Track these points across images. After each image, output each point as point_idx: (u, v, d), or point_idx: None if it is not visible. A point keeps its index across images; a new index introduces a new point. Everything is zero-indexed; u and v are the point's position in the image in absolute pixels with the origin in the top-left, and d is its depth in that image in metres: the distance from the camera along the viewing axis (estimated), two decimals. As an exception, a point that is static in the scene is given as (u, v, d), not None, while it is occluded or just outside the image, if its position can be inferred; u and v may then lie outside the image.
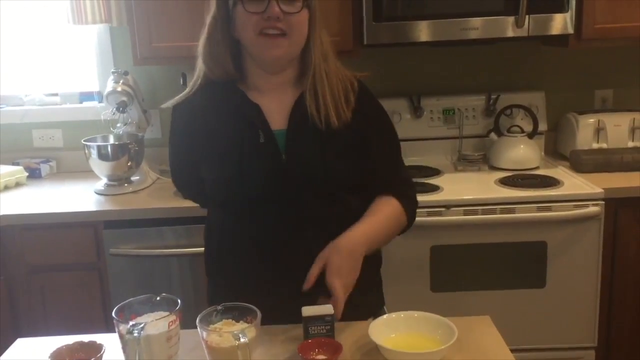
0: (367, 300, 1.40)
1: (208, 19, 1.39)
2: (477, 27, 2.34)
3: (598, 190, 2.24)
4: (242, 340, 1.13)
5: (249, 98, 1.40)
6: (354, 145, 1.40)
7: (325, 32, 1.41)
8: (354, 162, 1.40)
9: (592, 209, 2.21)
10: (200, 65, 1.42)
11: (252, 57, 1.38)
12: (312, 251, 1.35)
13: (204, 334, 1.17)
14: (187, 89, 1.45)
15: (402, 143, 2.77)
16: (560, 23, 2.34)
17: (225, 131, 1.39)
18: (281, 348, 1.28)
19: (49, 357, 1.20)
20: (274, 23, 1.30)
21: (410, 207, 1.48)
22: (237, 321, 1.22)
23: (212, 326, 1.20)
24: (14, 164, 2.75)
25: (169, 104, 1.47)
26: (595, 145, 2.61)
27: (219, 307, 1.22)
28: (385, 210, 1.44)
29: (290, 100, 1.40)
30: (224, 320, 1.22)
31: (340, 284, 1.28)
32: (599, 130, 2.61)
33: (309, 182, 1.37)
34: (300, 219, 1.38)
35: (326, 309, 1.24)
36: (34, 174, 2.76)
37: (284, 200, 1.37)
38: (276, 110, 1.40)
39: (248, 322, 1.20)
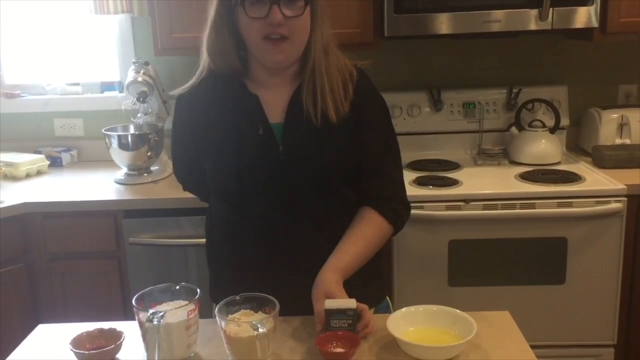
0: (368, 292, 1.40)
1: (211, 12, 1.38)
2: (499, 19, 2.31)
3: (620, 186, 2.21)
4: (260, 330, 1.13)
5: (249, 90, 1.41)
6: (350, 138, 1.40)
7: (327, 24, 1.40)
8: (350, 154, 1.40)
9: (614, 205, 2.18)
10: (204, 58, 1.42)
11: (255, 58, 1.39)
12: (308, 242, 1.38)
13: (223, 323, 1.18)
14: (192, 80, 1.45)
15: (421, 136, 2.80)
16: (584, 16, 2.30)
17: (225, 122, 1.40)
18: (299, 340, 1.28)
19: (70, 343, 1.22)
20: (276, 28, 1.29)
21: (395, 214, 1.45)
22: (256, 311, 1.22)
23: (230, 316, 1.20)
24: (35, 152, 2.78)
25: (175, 92, 1.49)
26: (618, 141, 2.57)
27: (238, 298, 1.23)
28: (365, 233, 1.41)
29: (289, 93, 1.40)
30: (242, 310, 1.23)
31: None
32: (622, 126, 2.58)
33: (306, 174, 1.37)
34: (297, 211, 1.38)
35: (349, 302, 1.24)
36: (55, 163, 2.78)
37: (282, 192, 1.38)
38: (275, 103, 1.40)
39: (266, 313, 1.20)
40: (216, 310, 1.20)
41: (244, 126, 1.39)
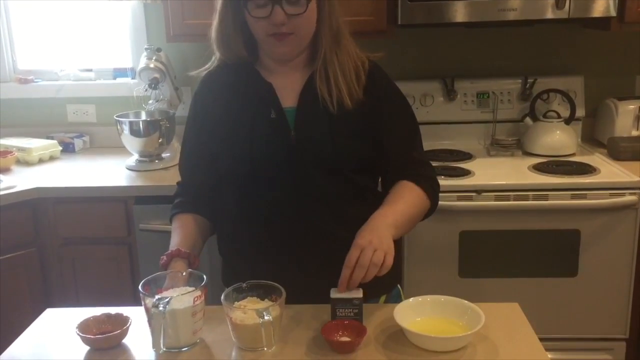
0: (379, 279, 1.40)
1: (218, 4, 1.39)
2: (515, 8, 2.28)
3: (635, 178, 2.18)
4: (266, 318, 1.13)
5: (262, 77, 1.42)
6: (364, 124, 1.40)
7: (337, 10, 1.40)
8: (363, 141, 1.40)
9: (629, 197, 2.15)
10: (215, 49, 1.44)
11: (263, 50, 1.41)
12: (318, 228, 1.37)
13: (229, 310, 1.17)
14: (206, 66, 1.48)
15: (434, 126, 2.77)
16: (602, 5, 2.26)
17: (239, 106, 1.41)
18: (305, 328, 1.27)
19: (76, 327, 1.22)
20: (279, 27, 1.31)
21: (432, 189, 1.45)
22: (262, 299, 1.22)
23: (236, 303, 1.20)
24: (48, 137, 2.79)
25: (193, 73, 1.52)
26: (634, 133, 2.54)
27: (244, 285, 1.23)
28: (407, 197, 1.40)
29: (301, 79, 1.41)
30: (248, 297, 1.22)
31: (356, 246, 1.24)
32: (639, 118, 2.54)
33: (317, 160, 1.38)
34: (308, 196, 1.38)
35: (356, 292, 1.23)
36: (67, 148, 2.80)
37: (293, 176, 1.38)
38: (288, 88, 1.41)
39: (273, 301, 1.20)
40: (222, 297, 1.19)
41: (257, 110, 1.39)
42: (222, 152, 1.42)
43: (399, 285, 1.56)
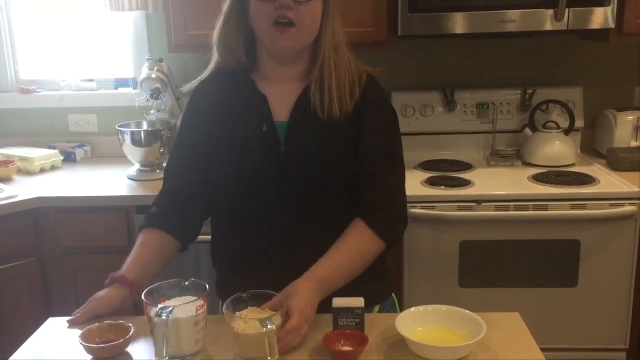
0: (373, 289, 1.40)
1: (225, 8, 1.41)
2: (514, 19, 2.30)
3: (635, 189, 2.19)
4: (269, 327, 1.13)
5: (257, 89, 1.42)
6: (352, 138, 1.40)
7: (339, 22, 1.41)
8: (351, 157, 1.40)
9: (629, 208, 2.16)
10: (215, 53, 1.44)
11: (265, 47, 1.40)
12: (308, 241, 1.37)
13: (231, 321, 1.18)
14: (201, 76, 1.48)
15: (434, 137, 2.79)
16: (601, 17, 2.28)
17: (231, 117, 1.41)
18: (307, 337, 1.28)
19: (79, 337, 1.22)
20: (285, 12, 1.30)
21: (388, 230, 1.40)
22: (264, 309, 1.22)
23: (238, 313, 1.20)
24: (50, 147, 2.80)
25: (185, 88, 1.52)
26: (633, 144, 2.55)
27: (245, 295, 1.23)
28: (351, 249, 1.37)
29: (297, 91, 1.41)
30: (249, 308, 1.23)
31: (301, 313, 1.22)
32: (638, 128, 2.55)
33: (307, 174, 1.38)
34: (297, 210, 1.39)
35: (357, 301, 1.24)
36: (69, 158, 2.81)
37: (283, 190, 1.38)
38: (282, 101, 1.41)
39: (274, 310, 1.20)
40: (224, 307, 1.20)
41: (250, 123, 1.40)
42: (211, 162, 1.42)
43: (393, 295, 1.56)
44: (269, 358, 1.15)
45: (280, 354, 1.16)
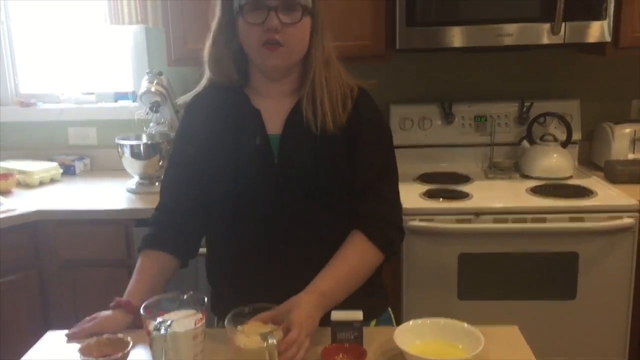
0: (369, 303, 1.40)
1: (213, 25, 1.42)
2: (511, 33, 2.31)
3: (633, 201, 2.20)
4: (270, 341, 1.13)
5: (251, 103, 1.43)
6: (345, 151, 1.40)
7: (329, 36, 1.42)
8: (345, 169, 1.40)
9: (626, 220, 2.16)
10: (207, 68, 1.46)
11: (255, 65, 1.41)
12: (303, 255, 1.37)
13: (232, 335, 1.18)
14: (195, 89, 1.49)
15: (432, 149, 2.79)
16: (597, 31, 2.30)
17: (225, 130, 1.42)
18: (308, 351, 1.27)
19: (78, 351, 1.22)
20: (272, 35, 1.32)
21: (386, 240, 1.41)
22: (265, 323, 1.22)
23: (240, 327, 1.20)
24: (49, 160, 2.81)
25: (180, 100, 1.53)
26: (630, 156, 2.56)
27: (247, 309, 1.23)
28: (350, 261, 1.37)
29: (289, 106, 1.42)
30: (250, 322, 1.22)
31: (302, 326, 1.22)
32: (635, 141, 2.57)
33: (300, 186, 1.38)
34: (292, 222, 1.39)
35: (356, 314, 1.24)
36: (68, 171, 2.81)
37: (277, 203, 1.38)
38: (275, 115, 1.42)
39: (275, 323, 1.20)
40: (225, 321, 1.20)
41: (243, 136, 1.41)
42: (205, 176, 1.43)
43: (389, 309, 1.56)
44: None
45: None
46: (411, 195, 2.31)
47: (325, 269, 1.35)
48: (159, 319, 1.17)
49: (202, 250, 2.31)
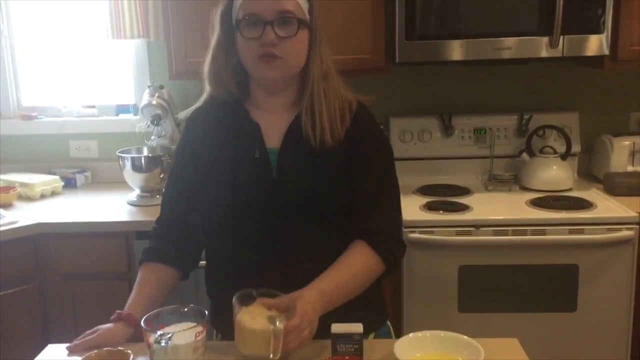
0: (368, 316, 1.40)
1: (212, 41, 1.44)
2: (510, 47, 2.33)
3: (632, 213, 2.20)
4: (277, 324, 1.14)
5: (250, 117, 1.44)
6: (344, 166, 1.41)
7: (327, 49, 1.43)
8: (343, 184, 1.41)
9: (626, 232, 2.17)
10: (207, 85, 1.47)
11: (254, 79, 1.43)
12: (301, 268, 1.38)
13: (237, 312, 1.20)
14: (197, 104, 1.51)
15: (432, 161, 2.80)
16: (595, 44, 2.32)
17: (224, 144, 1.43)
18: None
19: (79, 363, 1.22)
20: (269, 49, 1.34)
21: (389, 251, 1.41)
22: (268, 309, 1.23)
23: (245, 307, 1.21)
24: (50, 173, 2.81)
25: (181, 115, 1.54)
26: (630, 168, 2.57)
27: (255, 292, 1.24)
28: (352, 264, 1.38)
29: (288, 120, 1.43)
30: (256, 303, 1.24)
31: (305, 314, 1.21)
32: (634, 153, 2.57)
33: (298, 200, 1.39)
34: (289, 236, 1.40)
35: (356, 327, 1.24)
36: (69, 184, 2.82)
37: (274, 216, 1.39)
38: (274, 129, 1.43)
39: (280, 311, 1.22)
40: (233, 299, 1.22)
41: (242, 149, 1.42)
42: (205, 189, 1.44)
43: (388, 322, 1.56)
44: (271, 356, 1.16)
45: (278, 352, 1.17)
46: (411, 208, 2.32)
47: (327, 270, 1.36)
48: (159, 332, 1.18)
49: (203, 262, 2.32)
